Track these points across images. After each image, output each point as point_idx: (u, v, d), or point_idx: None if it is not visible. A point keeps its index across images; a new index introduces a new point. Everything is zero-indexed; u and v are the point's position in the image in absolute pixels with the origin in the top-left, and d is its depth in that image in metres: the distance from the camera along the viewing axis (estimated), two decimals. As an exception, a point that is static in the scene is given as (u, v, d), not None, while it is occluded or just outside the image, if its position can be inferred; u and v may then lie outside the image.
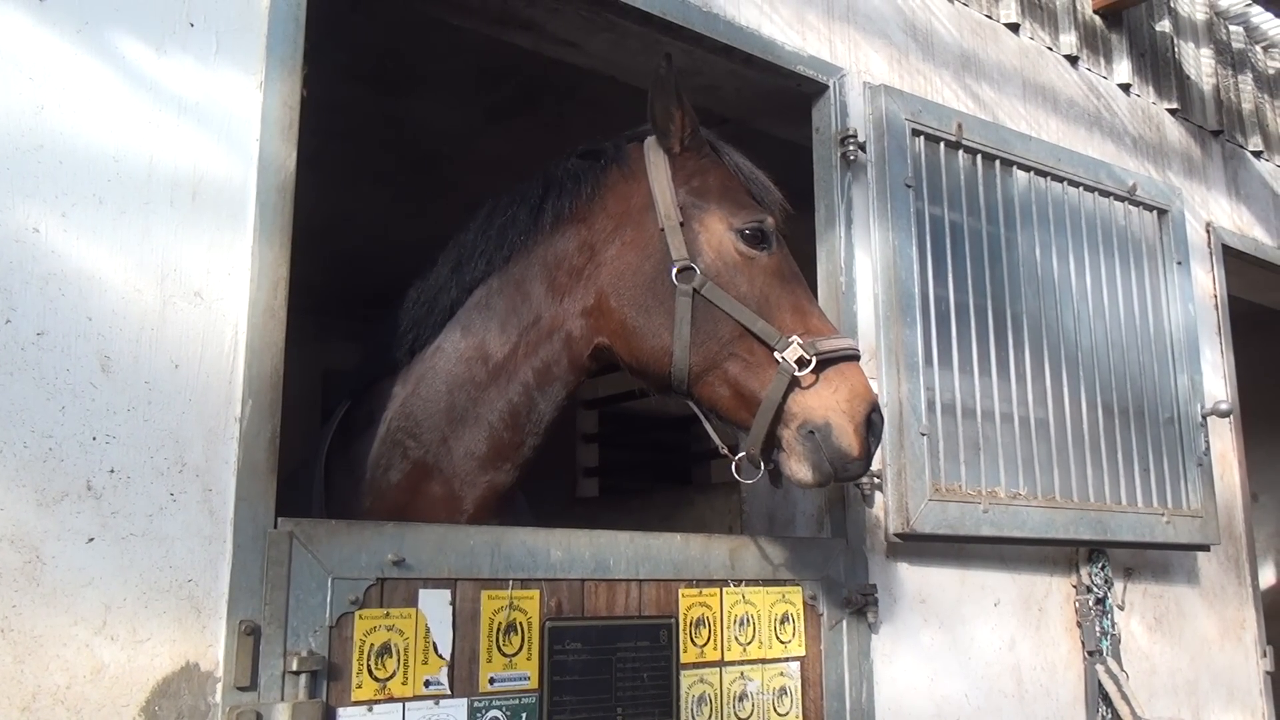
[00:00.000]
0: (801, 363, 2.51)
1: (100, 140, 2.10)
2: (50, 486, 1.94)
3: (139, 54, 2.18)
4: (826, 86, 3.53)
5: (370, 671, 2.23)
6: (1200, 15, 5.45)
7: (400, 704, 2.26)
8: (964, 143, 3.76)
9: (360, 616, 2.23)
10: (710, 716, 2.76)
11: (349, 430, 2.93)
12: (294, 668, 2.10)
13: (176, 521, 2.07)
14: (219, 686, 2.06)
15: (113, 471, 2.01)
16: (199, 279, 2.18)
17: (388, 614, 2.27)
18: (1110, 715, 3.76)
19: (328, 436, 2.93)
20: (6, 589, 1.87)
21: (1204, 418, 4.38)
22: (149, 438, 2.06)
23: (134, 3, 2.19)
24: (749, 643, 2.89)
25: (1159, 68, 5.10)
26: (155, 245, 2.13)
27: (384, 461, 2.80)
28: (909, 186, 3.54)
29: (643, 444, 9.32)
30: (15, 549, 1.89)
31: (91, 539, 1.96)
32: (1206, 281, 4.89)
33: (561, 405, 2.79)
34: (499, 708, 2.40)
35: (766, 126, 3.95)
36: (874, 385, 3.37)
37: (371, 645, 2.24)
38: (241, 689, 2.06)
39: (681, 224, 2.66)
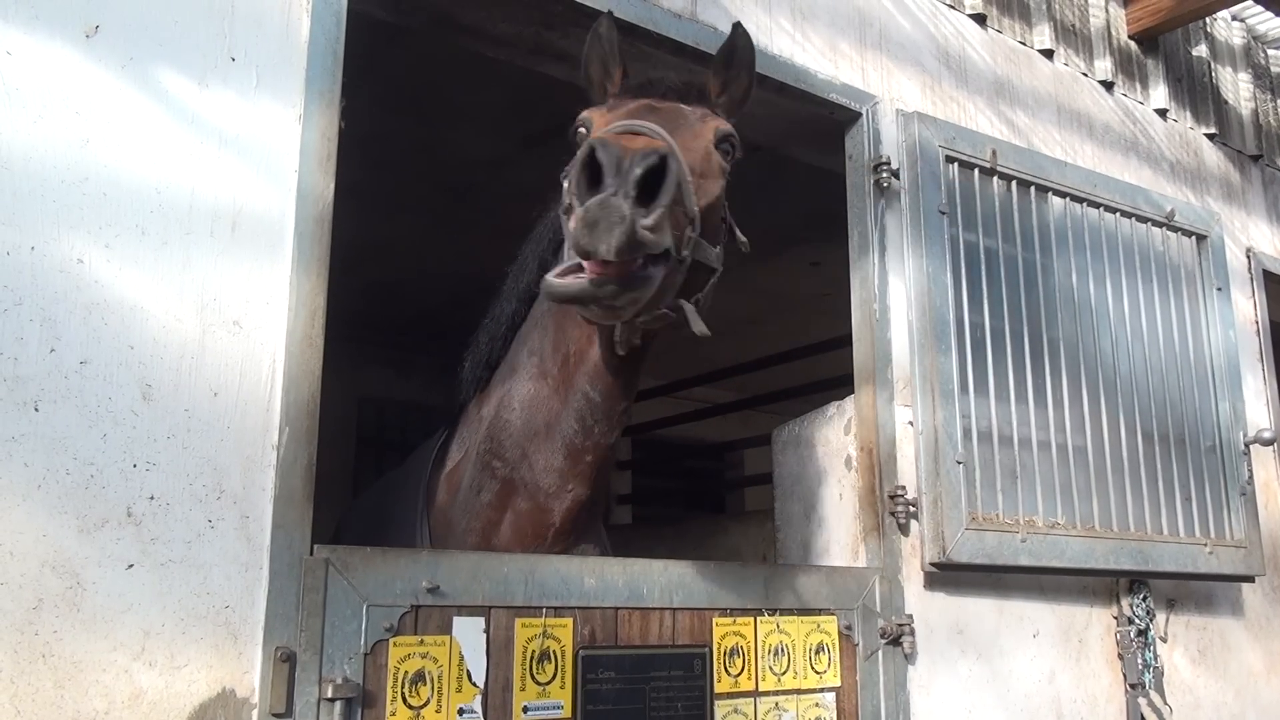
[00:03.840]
0: None
1: (143, 172, 2.15)
2: (91, 513, 1.97)
3: (182, 88, 2.23)
4: (859, 114, 3.54)
5: (404, 699, 2.23)
6: (1237, 40, 5.41)
7: (434, 732, 2.26)
8: (998, 169, 3.74)
9: (395, 644, 2.24)
10: (745, 747, 2.74)
11: (445, 456, 3.09)
12: (329, 695, 2.11)
13: (214, 548, 2.09)
14: (255, 713, 2.07)
15: (152, 498, 2.03)
16: (238, 308, 2.21)
17: (422, 641, 2.28)
18: (1154, 750, 3.69)
19: (428, 463, 3.08)
20: (48, 614, 1.89)
21: (1246, 446, 4.31)
22: (188, 465, 2.09)
23: (177, 38, 2.24)
24: (784, 673, 2.86)
25: (1196, 92, 5.06)
26: (196, 275, 2.17)
27: (476, 484, 2.89)
28: (943, 213, 3.53)
29: (676, 471, 9.30)
30: (57, 575, 1.91)
31: (131, 565, 1.99)
32: (1247, 307, 4.82)
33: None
34: (532, 737, 2.40)
35: (800, 154, 3.95)
36: (909, 412, 3.36)
37: (406, 673, 2.24)
38: (277, 716, 2.07)
39: None
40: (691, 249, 2.23)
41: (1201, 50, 5.16)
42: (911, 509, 3.27)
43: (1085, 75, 4.53)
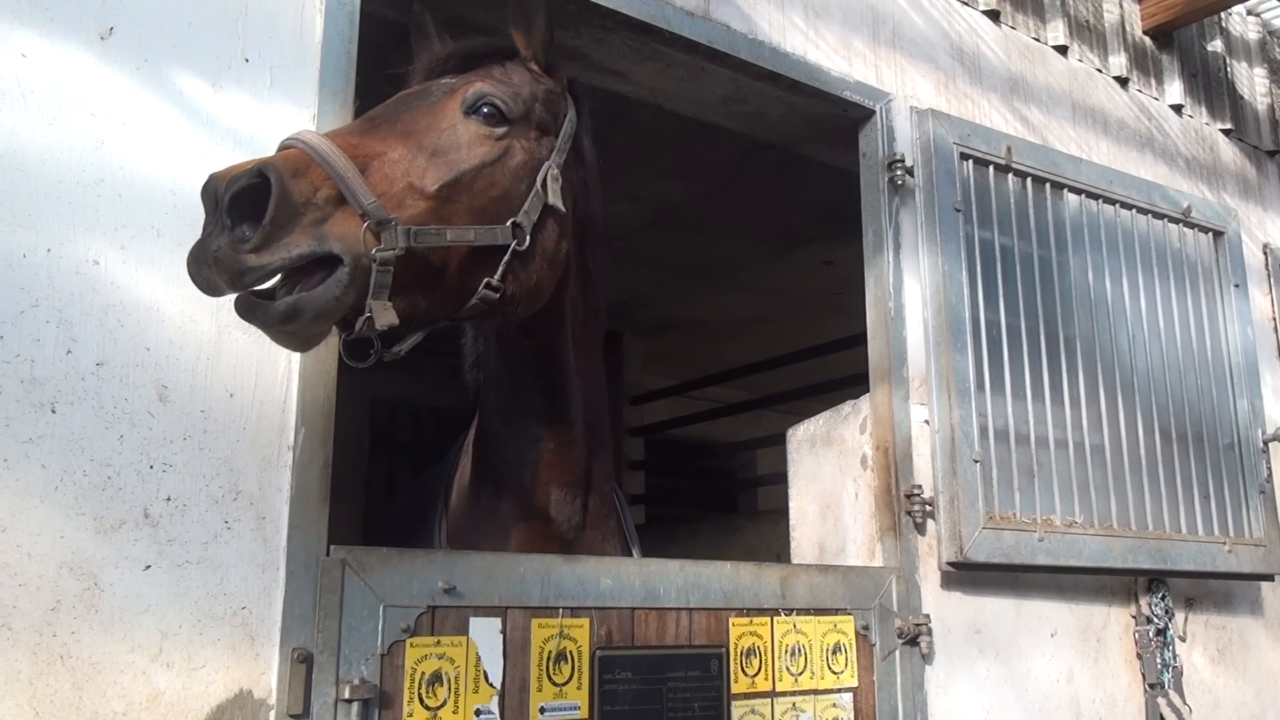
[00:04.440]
0: None
1: (158, 174, 2.15)
2: (109, 514, 1.97)
3: (196, 89, 2.23)
4: (873, 112, 3.52)
5: (421, 700, 2.22)
6: (1253, 34, 5.37)
7: (451, 733, 2.26)
8: (1013, 166, 3.72)
9: (411, 645, 2.23)
10: (762, 748, 2.73)
11: (459, 459, 3.14)
12: (346, 696, 2.11)
13: (231, 549, 2.09)
14: (272, 714, 2.06)
15: (169, 499, 2.03)
16: (253, 309, 2.21)
17: (439, 642, 2.27)
18: (1173, 750, 3.66)
19: (449, 466, 3.14)
20: (66, 616, 1.89)
21: (1265, 444, 4.28)
22: (204, 466, 2.09)
23: (191, 40, 2.24)
24: (801, 673, 2.85)
25: (1211, 88, 5.03)
26: (211, 276, 2.17)
27: (474, 487, 2.93)
28: (958, 211, 3.51)
29: (689, 471, 9.29)
30: (75, 576, 1.91)
31: (148, 566, 1.99)
32: (1265, 304, 4.79)
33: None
34: (549, 738, 2.39)
35: (813, 152, 3.94)
36: (925, 411, 3.34)
37: (423, 674, 2.24)
38: (294, 717, 2.06)
39: None
40: (411, 239, 1.99)
41: (1217, 45, 5.13)
42: (928, 508, 3.25)
43: (1100, 71, 4.50)
